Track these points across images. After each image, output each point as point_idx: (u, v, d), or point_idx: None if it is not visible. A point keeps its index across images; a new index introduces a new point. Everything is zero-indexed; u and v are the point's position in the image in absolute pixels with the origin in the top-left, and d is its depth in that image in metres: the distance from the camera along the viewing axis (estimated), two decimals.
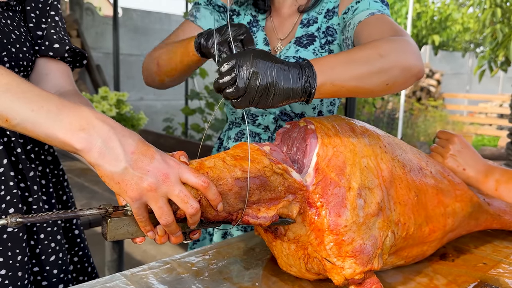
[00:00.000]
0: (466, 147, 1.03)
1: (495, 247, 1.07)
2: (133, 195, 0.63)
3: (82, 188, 2.68)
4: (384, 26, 1.00)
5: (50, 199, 1.06)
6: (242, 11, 1.26)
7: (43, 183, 1.05)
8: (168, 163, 0.66)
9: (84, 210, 0.65)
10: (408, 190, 0.86)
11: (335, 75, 0.76)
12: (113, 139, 0.62)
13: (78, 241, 1.15)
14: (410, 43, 0.88)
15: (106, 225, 0.66)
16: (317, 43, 1.17)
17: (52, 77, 1.05)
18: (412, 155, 0.94)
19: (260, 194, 0.73)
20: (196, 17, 1.21)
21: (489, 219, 1.07)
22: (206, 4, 1.22)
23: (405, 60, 0.83)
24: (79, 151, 0.62)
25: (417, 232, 0.87)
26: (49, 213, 0.63)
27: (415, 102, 10.57)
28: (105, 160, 0.62)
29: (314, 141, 0.79)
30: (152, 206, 0.65)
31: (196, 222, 0.69)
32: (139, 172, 0.63)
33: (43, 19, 1.04)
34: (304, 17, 1.20)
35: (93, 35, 6.76)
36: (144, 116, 3.62)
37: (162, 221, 0.66)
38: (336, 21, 1.17)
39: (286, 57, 1.17)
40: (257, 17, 1.25)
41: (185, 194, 0.65)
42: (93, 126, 0.62)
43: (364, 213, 0.77)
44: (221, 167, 0.72)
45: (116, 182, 0.63)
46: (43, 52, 1.03)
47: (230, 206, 0.72)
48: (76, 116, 0.63)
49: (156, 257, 3.30)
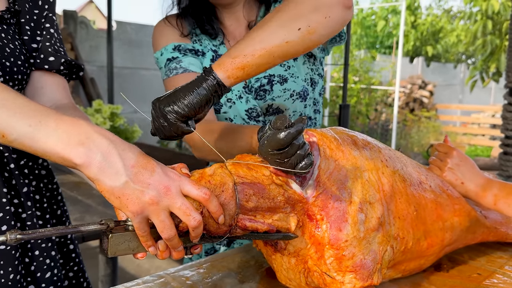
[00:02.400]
0: (464, 160, 1.03)
1: (489, 257, 1.07)
2: (135, 209, 0.62)
3: (75, 202, 2.65)
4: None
5: (44, 214, 1.04)
6: (204, 49, 1.24)
7: (37, 198, 1.03)
8: (169, 176, 0.65)
9: (85, 226, 0.64)
10: (407, 204, 0.86)
11: (233, 52, 0.78)
12: (113, 153, 0.62)
13: (73, 256, 1.13)
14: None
15: (107, 240, 0.65)
16: None
17: (48, 90, 1.03)
18: (412, 169, 0.93)
19: (258, 201, 0.72)
20: (185, 67, 1.18)
21: (486, 232, 1.07)
22: (182, 54, 1.20)
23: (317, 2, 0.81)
24: (78, 166, 0.61)
25: (416, 246, 0.87)
26: (50, 229, 0.62)
27: (408, 113, 10.64)
28: (105, 174, 0.61)
29: (316, 153, 0.78)
30: (153, 220, 0.64)
31: (199, 235, 0.68)
32: (140, 185, 0.62)
33: (38, 31, 1.03)
34: None
35: (87, 48, 6.76)
36: (138, 129, 3.61)
37: (164, 235, 0.65)
38: None
39: (256, 79, 1.18)
40: (218, 51, 1.24)
41: (187, 207, 0.64)
42: (92, 140, 0.62)
43: (365, 227, 0.77)
44: (221, 173, 0.71)
45: (117, 197, 0.62)
46: (38, 65, 1.02)
47: (231, 216, 0.71)
48: (75, 130, 0.62)
49: (150, 271, 3.26)
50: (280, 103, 1.18)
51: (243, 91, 1.19)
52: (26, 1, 1.01)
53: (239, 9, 1.22)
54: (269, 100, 1.18)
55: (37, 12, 1.03)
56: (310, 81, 1.23)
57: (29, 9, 1.02)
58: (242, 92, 1.19)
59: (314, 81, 1.25)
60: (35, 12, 1.03)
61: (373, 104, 9.68)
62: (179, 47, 1.21)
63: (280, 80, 1.17)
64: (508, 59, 3.76)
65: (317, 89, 1.26)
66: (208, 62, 1.23)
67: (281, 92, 1.17)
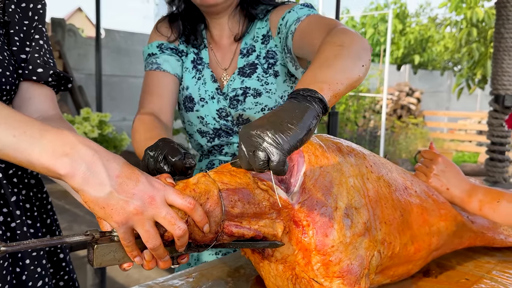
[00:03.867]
0: (449, 167, 1.04)
1: (477, 262, 1.08)
2: (119, 220, 0.62)
3: (63, 211, 2.63)
4: (319, 24, 1.04)
5: (35, 223, 1.03)
6: (186, 49, 1.31)
7: (27, 207, 1.02)
8: (153, 186, 0.65)
9: (70, 237, 0.64)
10: (393, 209, 0.87)
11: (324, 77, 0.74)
12: (97, 163, 0.62)
13: (64, 265, 1.12)
14: (346, 28, 0.93)
15: (93, 251, 0.65)
16: (259, 69, 1.22)
17: (35, 101, 1.03)
18: (397, 175, 0.94)
19: (243, 207, 0.72)
20: (159, 63, 1.26)
21: (473, 236, 1.08)
22: (160, 51, 1.28)
23: (358, 40, 0.87)
24: (62, 177, 0.61)
25: (403, 251, 0.88)
26: (34, 240, 0.61)
27: (396, 120, 10.74)
28: (90, 185, 0.61)
29: (301, 160, 0.79)
30: (138, 230, 0.64)
31: (184, 244, 0.68)
32: (125, 196, 0.62)
33: (27, 42, 1.02)
34: (242, 47, 1.26)
35: (75, 56, 6.72)
36: (126, 137, 3.60)
37: (149, 245, 0.65)
38: (273, 43, 1.22)
39: (233, 89, 1.22)
40: (199, 54, 1.31)
41: (172, 216, 0.64)
42: (77, 151, 0.61)
43: (351, 233, 0.77)
44: (205, 181, 0.71)
45: (101, 207, 0.62)
46: (26, 76, 1.01)
47: (217, 223, 0.71)
48: (59, 141, 0.62)
49: (140, 280, 3.23)
50: (251, 115, 1.21)
51: (216, 92, 1.25)
52: (15, 12, 1.01)
53: (225, 21, 1.26)
54: (240, 110, 1.21)
55: (27, 23, 1.03)
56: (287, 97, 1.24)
57: (19, 20, 1.01)
58: (215, 93, 1.24)
59: None
60: (25, 23, 1.03)
61: (362, 111, 9.75)
62: (161, 45, 1.28)
63: (254, 93, 1.20)
64: (494, 66, 3.83)
65: None
66: (189, 63, 1.29)
67: (252, 104, 1.20)
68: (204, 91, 1.26)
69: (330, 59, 0.79)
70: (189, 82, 1.29)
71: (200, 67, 1.29)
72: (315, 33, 1.01)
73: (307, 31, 1.06)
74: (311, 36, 1.03)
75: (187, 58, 1.31)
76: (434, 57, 14.61)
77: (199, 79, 1.27)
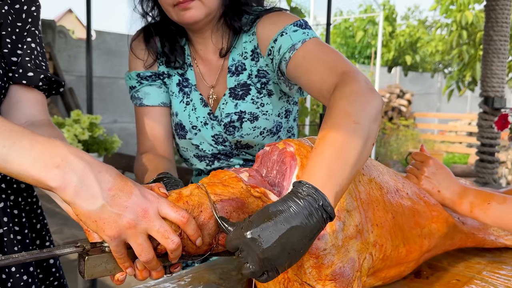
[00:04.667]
0: (440, 169, 1.05)
1: (468, 263, 1.09)
2: (112, 234, 0.61)
3: (53, 214, 2.60)
4: (318, 60, 0.96)
5: (23, 229, 1.01)
6: (168, 70, 1.22)
7: (15, 213, 1.01)
8: (147, 198, 0.64)
9: (60, 249, 0.62)
10: (385, 212, 0.87)
11: (338, 179, 0.68)
12: (89, 175, 0.60)
13: (53, 271, 1.10)
14: (360, 81, 0.84)
15: (84, 263, 0.64)
16: (253, 91, 1.13)
17: (24, 105, 1.00)
18: (388, 177, 0.95)
19: (239, 217, 0.72)
20: (140, 98, 1.20)
21: (464, 237, 1.09)
22: (139, 83, 1.21)
23: (372, 109, 0.79)
24: (53, 189, 0.60)
25: (394, 253, 0.88)
26: (23, 253, 0.60)
27: (387, 121, 10.80)
28: (81, 198, 0.60)
29: (294, 163, 0.79)
30: (131, 243, 0.63)
31: (178, 256, 0.67)
32: (117, 209, 0.61)
33: (19, 45, 1.00)
34: (230, 64, 1.15)
35: (65, 58, 6.67)
36: (117, 139, 3.57)
37: (142, 258, 0.64)
38: (263, 62, 1.12)
39: (227, 114, 1.13)
40: (185, 75, 1.21)
41: (165, 229, 0.63)
42: (68, 162, 0.60)
43: (343, 235, 0.77)
44: (198, 193, 0.71)
45: (93, 221, 0.61)
46: (16, 79, 0.98)
47: (212, 236, 0.70)
48: (50, 152, 0.60)
49: (131, 283, 3.20)
50: (249, 140, 1.15)
51: (208, 117, 1.16)
52: (8, 13, 0.98)
53: (208, 35, 1.16)
54: (237, 137, 1.14)
55: (20, 25, 1.00)
56: (284, 113, 1.19)
57: (12, 22, 0.99)
58: (207, 119, 1.16)
59: (289, 110, 1.21)
60: (18, 25, 1.00)
61: None
62: (139, 75, 1.21)
63: (251, 117, 1.12)
64: (483, 68, 3.87)
65: (291, 117, 1.23)
66: (175, 86, 1.20)
67: (250, 130, 1.13)
68: (196, 118, 1.17)
69: (345, 146, 0.71)
70: (177, 107, 1.20)
71: (187, 89, 1.20)
72: (314, 69, 0.95)
73: (303, 64, 0.99)
74: (309, 71, 0.97)
75: (171, 80, 1.22)
76: (425, 59, 14.74)
77: (188, 104, 1.18)
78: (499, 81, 3.79)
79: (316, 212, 0.63)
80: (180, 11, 1.05)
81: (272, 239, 0.61)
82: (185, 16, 1.05)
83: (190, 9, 1.04)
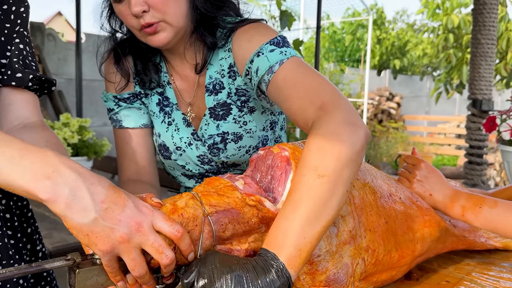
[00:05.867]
0: (432, 172, 1.05)
1: (457, 264, 1.09)
2: (104, 248, 0.59)
3: (43, 218, 2.57)
4: (298, 88, 0.89)
5: (16, 233, 1.00)
6: (145, 89, 1.16)
7: (7, 217, 0.99)
8: (141, 211, 0.62)
9: (49, 263, 0.60)
10: (378, 216, 0.87)
11: (296, 240, 0.67)
12: (81, 187, 0.58)
13: (45, 275, 1.09)
14: (338, 116, 0.78)
15: (74, 276, 0.62)
16: (234, 110, 1.09)
17: (16, 107, 0.98)
18: (382, 181, 0.95)
19: (234, 228, 0.71)
20: (120, 120, 1.15)
21: (455, 241, 1.09)
22: (117, 105, 1.16)
23: (344, 154, 0.72)
24: (44, 202, 0.58)
25: (387, 258, 0.88)
26: (11, 268, 0.58)
27: (377, 124, 10.88)
28: (73, 211, 0.57)
29: (289, 167, 0.78)
30: (124, 258, 0.61)
31: (171, 271, 0.66)
32: (110, 222, 0.59)
33: (8, 46, 0.98)
34: (207, 82, 1.10)
35: (55, 60, 6.62)
36: (107, 143, 3.54)
37: (135, 273, 0.62)
38: (241, 81, 1.07)
39: (209, 135, 1.10)
40: (164, 93, 1.15)
41: (159, 244, 0.62)
42: (60, 173, 0.58)
43: (337, 241, 0.77)
44: (194, 204, 0.69)
45: (85, 234, 0.59)
46: (5, 81, 0.96)
47: (205, 251, 0.69)
48: (41, 162, 0.58)
49: None
50: (236, 159, 1.12)
51: (192, 137, 1.13)
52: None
53: (181, 52, 1.09)
54: (223, 158, 1.11)
55: (8, 26, 0.99)
56: (270, 125, 1.16)
57: (0, 23, 0.97)
58: (191, 139, 1.13)
59: (274, 121, 1.17)
60: (6, 26, 0.98)
61: None
62: (116, 98, 1.16)
63: (234, 138, 1.09)
64: (471, 71, 3.92)
65: (278, 126, 1.19)
66: (155, 106, 1.16)
67: (235, 150, 1.10)
68: (179, 138, 1.13)
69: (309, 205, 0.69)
70: (159, 128, 1.16)
71: (168, 109, 1.15)
72: (294, 96, 0.89)
73: (283, 89, 0.92)
74: (289, 98, 0.90)
75: (150, 100, 1.16)
76: (414, 62, 14.88)
77: (170, 124, 1.14)
78: (487, 84, 3.84)
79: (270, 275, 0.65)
80: (147, 36, 1.00)
81: None
82: (153, 40, 1.00)
83: (158, 32, 0.99)
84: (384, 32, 14.36)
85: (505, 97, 11.51)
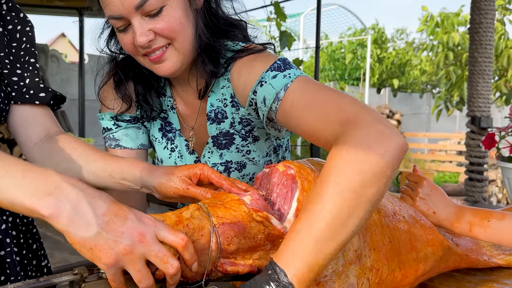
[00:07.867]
0: (434, 190, 1.05)
1: (459, 282, 1.09)
2: (109, 261, 0.60)
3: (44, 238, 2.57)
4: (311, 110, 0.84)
5: (21, 250, 1.02)
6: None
7: (14, 234, 1.01)
8: (143, 222, 0.63)
9: (57, 277, 0.61)
10: (382, 235, 0.87)
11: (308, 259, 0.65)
12: (83, 202, 0.59)
13: None
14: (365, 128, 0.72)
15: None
16: (237, 139, 1.06)
17: (41, 120, 1.02)
18: (385, 199, 0.95)
19: (240, 242, 0.70)
20: (117, 139, 1.11)
21: (458, 259, 1.09)
22: (115, 126, 1.12)
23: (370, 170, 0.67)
24: (46, 218, 0.59)
25: (390, 277, 0.88)
26: (19, 284, 0.59)
27: None
28: (75, 225, 0.58)
29: (295, 186, 0.77)
30: (129, 270, 0.61)
31: (177, 282, 0.65)
32: (113, 235, 0.59)
33: (18, 64, 1.02)
34: (209, 110, 1.07)
35: (58, 81, 6.68)
36: None
37: (142, 285, 0.62)
38: (244, 112, 1.03)
39: (213, 164, 1.08)
40: (167, 118, 1.12)
41: (164, 254, 0.62)
42: (61, 190, 0.59)
43: (343, 261, 0.77)
44: (199, 215, 0.69)
45: (88, 249, 0.59)
46: (28, 100, 1.00)
47: (211, 262, 0.69)
48: (43, 180, 0.60)
49: None
50: None
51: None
52: (3, 35, 1.00)
53: (186, 77, 1.06)
54: None
55: (15, 45, 1.02)
56: (273, 149, 1.14)
57: (8, 43, 1.01)
58: None
59: (279, 145, 1.16)
60: (13, 45, 1.02)
61: None
62: (116, 117, 1.12)
63: (238, 167, 1.08)
64: (469, 89, 3.95)
65: (282, 149, 1.18)
66: (157, 131, 1.13)
67: (239, 178, 1.08)
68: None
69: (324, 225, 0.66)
70: (161, 154, 1.13)
71: (171, 135, 1.12)
72: (307, 119, 0.84)
73: (294, 116, 0.87)
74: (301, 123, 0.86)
75: (152, 124, 1.13)
76: (413, 81, 14.97)
77: (173, 151, 1.12)
78: (485, 101, 3.86)
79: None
80: (153, 64, 0.95)
81: None
82: (160, 69, 0.96)
83: (165, 61, 0.94)
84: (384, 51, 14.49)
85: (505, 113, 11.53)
